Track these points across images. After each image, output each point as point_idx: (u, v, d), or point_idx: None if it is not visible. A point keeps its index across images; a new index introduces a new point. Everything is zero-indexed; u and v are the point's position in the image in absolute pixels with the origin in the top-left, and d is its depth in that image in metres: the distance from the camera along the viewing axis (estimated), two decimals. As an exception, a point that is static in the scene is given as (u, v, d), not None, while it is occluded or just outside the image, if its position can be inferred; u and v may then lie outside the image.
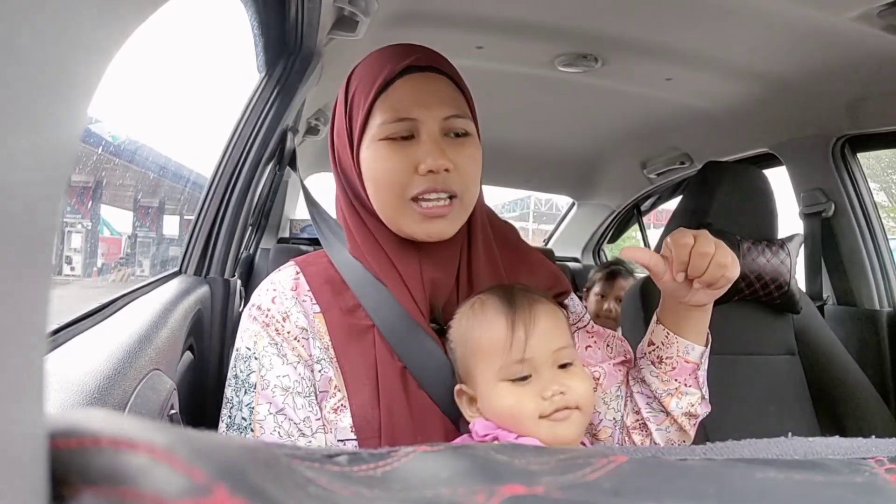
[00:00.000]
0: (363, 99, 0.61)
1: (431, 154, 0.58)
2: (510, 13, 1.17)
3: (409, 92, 0.60)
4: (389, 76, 0.60)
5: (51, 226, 0.15)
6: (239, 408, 0.60)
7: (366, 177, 0.62)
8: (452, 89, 0.63)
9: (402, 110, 0.59)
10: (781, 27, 1.10)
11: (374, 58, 0.64)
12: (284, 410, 0.59)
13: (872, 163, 4.64)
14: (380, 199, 0.61)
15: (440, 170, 0.59)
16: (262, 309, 0.62)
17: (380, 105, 0.60)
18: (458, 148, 0.61)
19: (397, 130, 0.60)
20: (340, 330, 0.62)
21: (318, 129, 1.76)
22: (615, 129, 1.95)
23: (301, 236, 2.56)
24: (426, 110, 0.60)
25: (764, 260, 1.32)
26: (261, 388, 0.59)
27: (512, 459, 0.20)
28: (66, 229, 1.36)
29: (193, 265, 1.14)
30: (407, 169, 0.59)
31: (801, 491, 0.19)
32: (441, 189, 0.59)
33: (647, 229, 2.91)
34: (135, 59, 0.53)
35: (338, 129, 0.66)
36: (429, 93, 0.61)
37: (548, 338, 0.56)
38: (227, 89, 1.55)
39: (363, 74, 0.63)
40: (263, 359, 0.60)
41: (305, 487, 0.16)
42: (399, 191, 0.59)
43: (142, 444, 0.13)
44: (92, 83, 0.16)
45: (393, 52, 0.63)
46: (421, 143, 0.60)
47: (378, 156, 0.60)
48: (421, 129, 0.60)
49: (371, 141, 0.61)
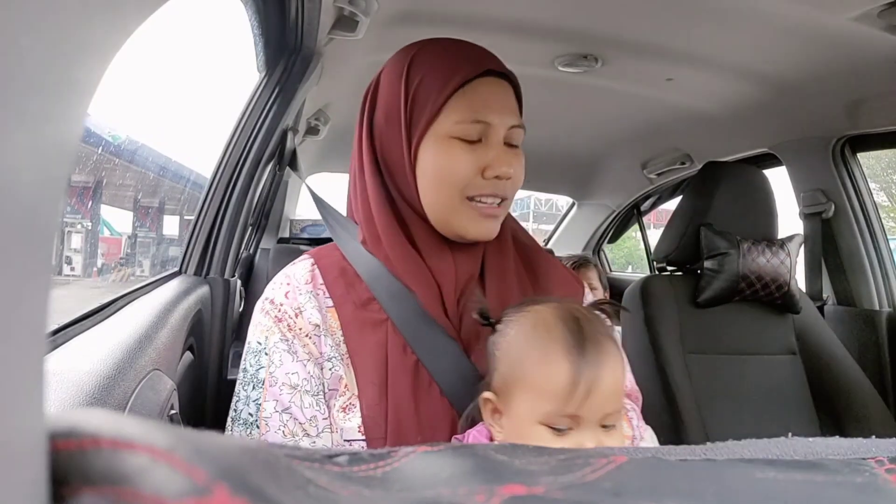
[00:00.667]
0: (435, 93, 0.60)
1: (500, 160, 0.61)
2: (510, 13, 1.17)
3: (487, 95, 0.61)
4: (470, 75, 0.61)
5: (51, 226, 0.15)
6: (246, 402, 0.60)
7: (422, 169, 0.62)
8: (515, 100, 0.65)
9: (479, 113, 0.60)
10: (781, 28, 1.10)
11: (445, 53, 0.63)
12: (290, 409, 0.59)
13: (872, 163, 4.64)
14: (435, 196, 0.62)
15: (506, 177, 0.61)
16: (274, 303, 0.62)
17: (455, 103, 0.60)
18: (514, 158, 0.63)
19: (471, 132, 0.61)
20: (353, 324, 0.62)
21: (318, 129, 1.76)
22: (615, 129, 1.95)
23: (301, 236, 2.56)
24: (499, 117, 0.61)
25: (764, 260, 1.32)
26: (269, 384, 0.59)
27: (512, 459, 0.20)
28: (66, 229, 1.36)
29: (193, 265, 1.14)
30: (473, 170, 0.61)
31: (801, 491, 0.19)
32: (499, 195, 0.62)
33: (647, 229, 2.91)
34: (135, 59, 0.53)
35: (387, 114, 0.64)
36: (503, 100, 0.62)
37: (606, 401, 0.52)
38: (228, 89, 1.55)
39: (434, 67, 0.62)
40: (273, 355, 0.60)
41: (305, 487, 0.16)
42: (460, 189, 0.61)
43: (142, 445, 0.13)
44: (92, 83, 0.16)
45: (469, 51, 0.63)
46: (490, 147, 0.61)
47: (447, 153, 0.61)
48: (491, 134, 0.61)
49: (439, 137, 0.61)
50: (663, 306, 1.32)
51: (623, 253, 4.58)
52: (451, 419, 0.60)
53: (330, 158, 2.27)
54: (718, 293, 1.32)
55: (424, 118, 0.61)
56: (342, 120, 1.84)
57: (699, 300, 1.33)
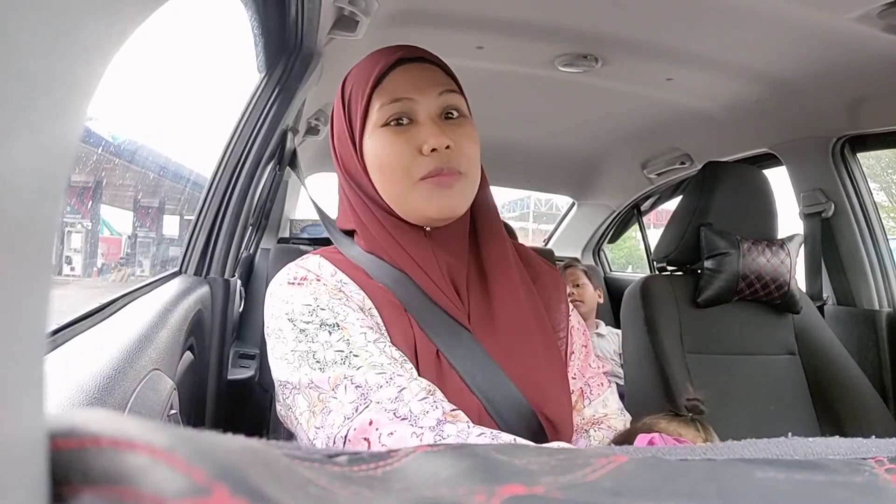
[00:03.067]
0: (360, 93, 0.64)
1: (432, 133, 0.61)
2: (510, 13, 1.17)
3: (404, 78, 0.63)
4: (384, 68, 0.63)
5: (51, 226, 0.15)
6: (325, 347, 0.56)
7: (371, 166, 0.64)
8: (444, 75, 0.66)
9: (398, 92, 0.62)
10: (781, 27, 1.10)
11: (366, 59, 0.67)
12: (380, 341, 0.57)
13: (872, 163, 4.64)
14: (388, 185, 0.63)
15: (442, 147, 0.61)
16: (309, 270, 0.63)
17: (377, 94, 0.63)
18: (455, 128, 0.63)
19: (395, 111, 0.62)
20: (384, 303, 0.62)
21: (318, 129, 1.76)
22: (615, 129, 1.95)
23: (301, 236, 2.56)
24: (421, 92, 0.63)
25: (764, 260, 1.32)
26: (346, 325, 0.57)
27: (512, 459, 0.20)
28: (66, 229, 1.36)
29: (193, 265, 1.13)
30: (411, 151, 0.61)
31: (801, 491, 0.19)
32: (446, 167, 0.61)
33: (647, 229, 2.91)
34: (135, 59, 0.53)
35: (338, 131, 0.68)
36: (422, 77, 0.64)
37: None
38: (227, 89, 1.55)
39: (358, 73, 0.66)
40: (335, 307, 0.58)
41: (305, 488, 0.16)
42: (405, 173, 0.61)
43: (142, 444, 0.13)
44: (92, 83, 0.16)
45: (385, 50, 0.66)
46: (420, 125, 0.62)
47: (381, 142, 0.62)
48: (419, 111, 0.63)
49: (373, 130, 0.63)
50: (663, 306, 1.32)
51: (623, 253, 4.58)
52: (475, 407, 0.60)
53: (330, 159, 2.27)
54: (718, 293, 1.32)
55: (358, 118, 0.64)
56: (342, 120, 1.84)
57: (699, 300, 1.33)
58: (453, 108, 0.64)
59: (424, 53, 0.66)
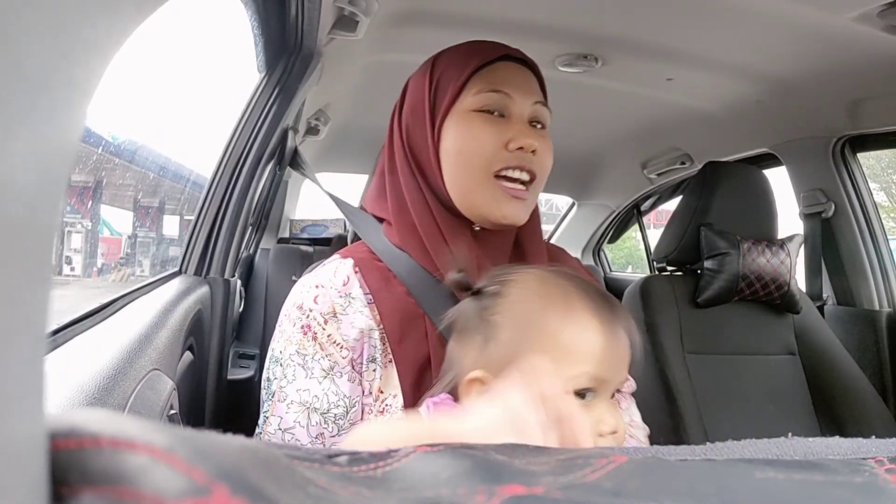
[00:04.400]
0: (456, 74, 0.63)
1: (523, 133, 0.61)
2: (510, 13, 1.17)
3: (506, 73, 0.64)
4: (489, 57, 0.64)
5: (51, 226, 0.15)
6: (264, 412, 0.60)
7: (446, 150, 0.63)
8: (538, 87, 0.67)
9: (498, 84, 0.62)
10: (781, 27, 1.10)
11: (466, 44, 0.67)
12: (294, 430, 0.57)
13: (872, 163, 4.64)
14: (459, 172, 0.62)
15: (529, 149, 0.61)
16: (302, 309, 0.60)
17: (475, 80, 0.63)
18: (540, 137, 0.63)
19: (491, 102, 0.62)
20: (394, 317, 0.60)
21: (318, 129, 1.76)
22: (615, 129, 1.95)
23: (301, 236, 2.56)
24: (520, 91, 0.63)
25: (764, 260, 1.32)
26: (277, 399, 0.58)
27: (512, 459, 0.20)
28: (66, 229, 1.36)
29: (193, 265, 1.13)
30: (496, 143, 0.61)
31: (801, 491, 0.19)
32: (526, 167, 0.61)
33: (647, 229, 2.91)
34: (135, 59, 0.53)
35: (412, 110, 0.66)
36: (523, 79, 0.65)
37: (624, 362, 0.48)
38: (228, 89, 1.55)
39: (456, 55, 0.66)
40: (287, 368, 0.59)
41: (305, 487, 0.16)
42: (485, 163, 0.61)
43: (142, 444, 0.13)
44: (92, 83, 0.16)
45: (487, 42, 0.67)
46: (513, 122, 0.63)
47: (469, 126, 0.62)
48: (513, 108, 0.63)
49: (461, 113, 0.63)
50: (663, 306, 1.32)
51: (623, 253, 4.57)
52: None
53: (330, 158, 2.27)
54: (718, 293, 1.32)
55: (447, 99, 0.63)
56: (342, 120, 1.84)
57: (699, 300, 1.33)
58: (541, 120, 0.66)
59: (528, 59, 0.67)
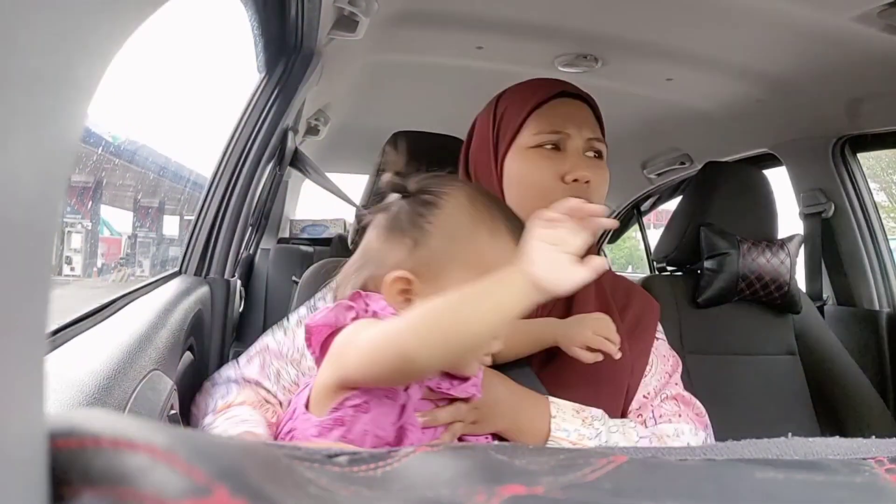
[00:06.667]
0: (516, 113, 0.70)
1: (578, 166, 0.67)
2: (510, 13, 1.17)
3: (562, 111, 0.70)
4: (546, 97, 0.70)
5: (51, 226, 0.15)
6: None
7: (508, 182, 0.69)
8: (594, 118, 0.72)
9: (555, 124, 0.68)
10: (781, 27, 1.10)
11: (525, 86, 0.74)
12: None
13: (872, 163, 4.64)
14: (521, 204, 0.65)
15: (583, 180, 0.66)
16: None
17: (533, 119, 0.69)
18: (595, 168, 0.69)
19: (548, 140, 0.68)
20: None
21: (318, 129, 1.76)
22: (615, 129, 1.94)
23: (301, 236, 2.56)
24: (576, 128, 0.69)
25: (764, 260, 1.32)
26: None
27: (512, 459, 0.20)
28: (66, 229, 1.36)
29: (193, 265, 1.13)
30: (553, 177, 0.67)
31: (801, 491, 0.19)
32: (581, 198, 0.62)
33: (647, 229, 2.91)
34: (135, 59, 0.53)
35: (479, 144, 0.74)
36: (579, 116, 0.70)
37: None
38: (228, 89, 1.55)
39: (517, 94, 0.73)
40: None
41: (305, 487, 0.16)
42: (543, 195, 0.64)
43: (142, 445, 0.13)
44: (92, 83, 0.16)
45: (548, 79, 0.75)
46: (567, 155, 0.68)
47: (527, 161, 0.68)
48: (568, 143, 0.68)
49: (520, 149, 0.69)
50: (663, 306, 1.32)
51: (623, 253, 4.57)
52: None
53: (330, 158, 2.27)
54: (718, 293, 1.32)
55: (509, 134, 0.70)
56: (342, 120, 1.84)
57: (699, 300, 1.33)
58: (597, 151, 0.70)
59: (584, 94, 0.72)
